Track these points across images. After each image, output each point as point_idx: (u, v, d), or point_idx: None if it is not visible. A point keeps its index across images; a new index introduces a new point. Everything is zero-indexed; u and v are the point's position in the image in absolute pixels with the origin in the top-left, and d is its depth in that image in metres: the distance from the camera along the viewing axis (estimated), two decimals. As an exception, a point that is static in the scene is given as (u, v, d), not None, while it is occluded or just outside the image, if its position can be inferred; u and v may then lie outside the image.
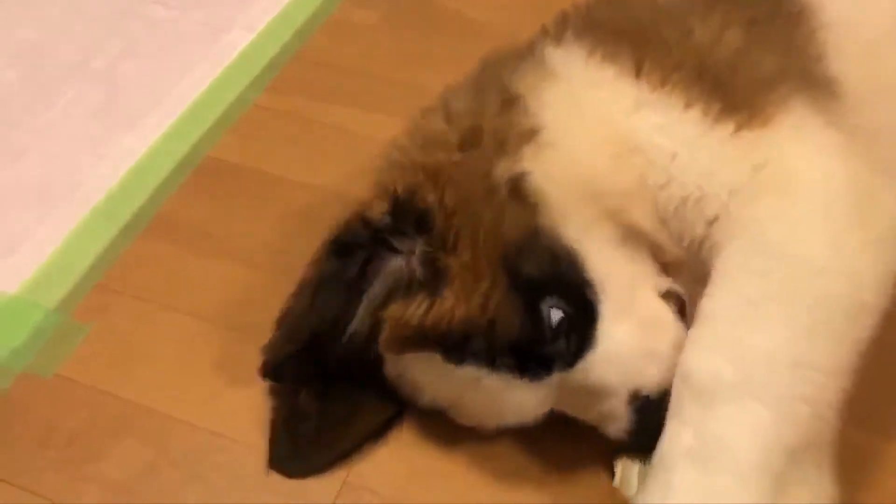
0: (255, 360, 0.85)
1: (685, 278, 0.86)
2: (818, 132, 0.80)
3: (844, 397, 0.71)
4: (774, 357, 0.69)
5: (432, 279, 0.81)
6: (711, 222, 0.80)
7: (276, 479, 0.90)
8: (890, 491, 0.86)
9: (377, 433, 0.92)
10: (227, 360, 0.99)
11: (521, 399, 0.82)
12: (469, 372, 0.80)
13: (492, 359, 0.79)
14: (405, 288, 0.82)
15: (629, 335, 0.80)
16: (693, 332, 0.74)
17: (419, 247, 0.82)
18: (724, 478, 0.65)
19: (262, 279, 1.07)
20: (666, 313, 0.82)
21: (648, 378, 0.79)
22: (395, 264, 0.83)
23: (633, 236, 0.83)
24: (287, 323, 0.86)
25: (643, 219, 0.83)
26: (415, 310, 0.80)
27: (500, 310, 0.78)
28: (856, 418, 0.73)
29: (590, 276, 0.80)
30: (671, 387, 0.75)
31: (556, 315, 0.79)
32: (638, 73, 0.84)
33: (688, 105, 0.81)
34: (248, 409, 0.95)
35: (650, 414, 0.78)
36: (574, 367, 0.80)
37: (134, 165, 1.25)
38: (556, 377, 0.80)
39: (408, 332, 0.81)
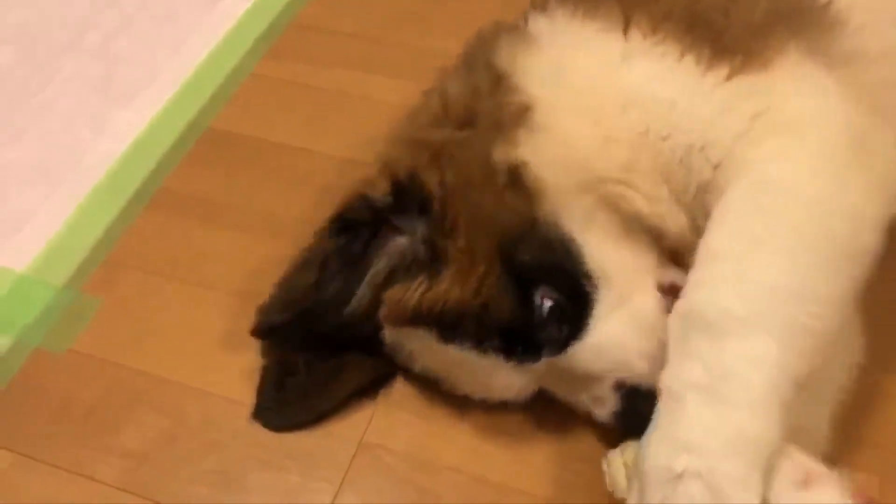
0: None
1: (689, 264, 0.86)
2: (816, 74, 0.80)
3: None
4: (781, 291, 0.69)
5: (432, 261, 0.82)
6: (716, 166, 0.79)
7: (294, 442, 0.90)
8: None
9: (362, 391, 0.93)
10: (238, 327, 0.98)
11: (507, 379, 0.84)
12: (459, 351, 0.82)
13: (481, 341, 0.81)
14: (406, 268, 0.83)
15: (620, 329, 0.81)
16: (697, 271, 0.74)
17: (421, 228, 0.83)
18: (736, 408, 0.66)
19: (268, 246, 1.07)
20: (659, 312, 0.82)
21: (636, 371, 0.80)
22: (399, 243, 0.84)
23: (634, 225, 0.83)
24: (286, 291, 0.87)
25: (643, 199, 0.82)
26: (413, 291, 0.82)
27: (493, 295, 0.80)
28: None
29: (588, 267, 0.81)
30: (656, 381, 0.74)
31: (547, 303, 0.80)
32: (626, 26, 0.83)
33: (682, 53, 0.81)
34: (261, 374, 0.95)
35: (636, 400, 0.79)
36: (562, 354, 0.81)
37: (136, 139, 1.25)
38: (543, 362, 0.82)
39: (406, 312, 0.83)
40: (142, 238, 1.12)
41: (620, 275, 0.82)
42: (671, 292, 0.82)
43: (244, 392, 0.93)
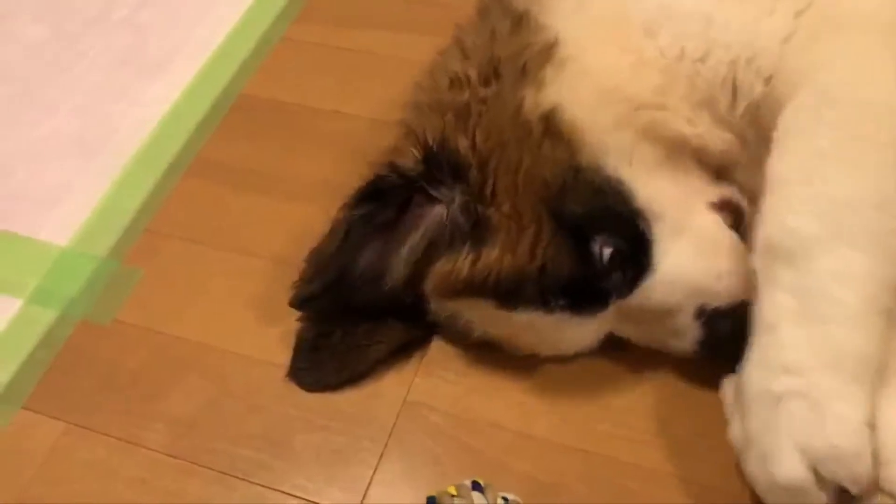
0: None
1: (741, 174, 0.84)
2: None
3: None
4: (858, 201, 0.66)
5: (475, 229, 0.79)
6: (769, 79, 0.76)
7: (338, 403, 0.91)
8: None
9: (397, 353, 0.93)
10: (278, 292, 0.98)
11: (578, 332, 0.82)
12: (524, 315, 0.80)
13: (546, 301, 0.78)
14: (448, 240, 0.81)
15: (686, 256, 0.79)
16: (768, 199, 0.70)
17: (458, 196, 0.80)
18: (831, 324, 0.64)
19: (305, 211, 1.07)
20: (720, 228, 0.80)
21: (712, 294, 0.78)
22: (436, 213, 0.81)
23: (675, 150, 0.81)
24: (315, 262, 0.86)
25: (682, 120, 0.80)
26: (461, 263, 0.79)
27: (550, 254, 0.77)
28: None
29: (638, 204, 0.78)
30: (737, 297, 0.75)
31: (607, 251, 0.77)
32: None
33: None
34: (303, 338, 0.96)
35: (720, 323, 0.77)
36: (633, 294, 0.79)
37: (169, 110, 1.25)
38: (612, 307, 0.80)
39: (457, 285, 0.81)
40: (180, 207, 1.13)
41: (672, 204, 0.80)
42: (724, 208, 0.82)
43: (286, 356, 0.94)
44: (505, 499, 0.79)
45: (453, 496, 0.79)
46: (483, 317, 0.85)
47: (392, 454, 0.87)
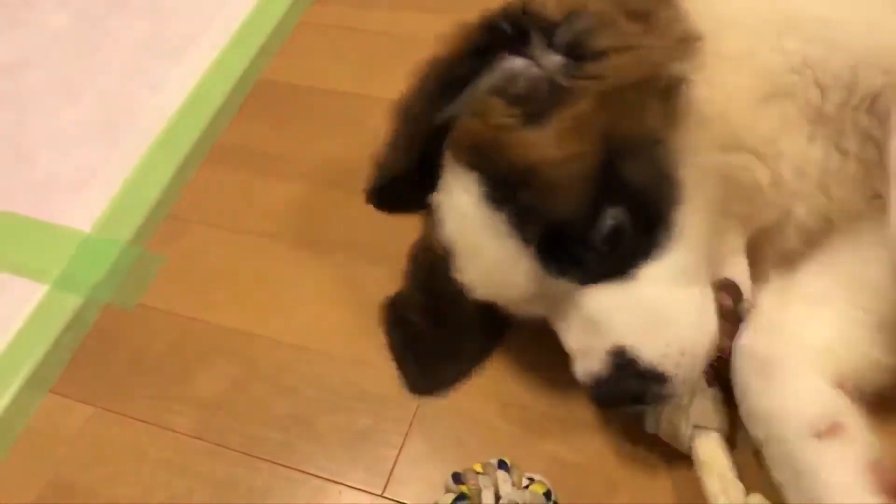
0: (328, 272, 0.84)
1: (765, 254, 0.81)
2: None
3: None
4: None
5: (542, 104, 0.71)
6: (889, 71, 0.71)
7: (362, 385, 0.91)
8: None
9: (487, 348, 0.91)
10: (301, 275, 0.99)
11: (519, 280, 0.74)
12: (495, 222, 0.73)
13: (524, 221, 0.71)
14: (511, 96, 0.73)
15: (662, 299, 0.73)
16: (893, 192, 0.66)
17: (556, 66, 0.72)
18: None
19: (326, 193, 1.07)
20: (709, 310, 0.74)
21: (648, 347, 0.71)
22: (517, 64, 0.74)
23: (735, 203, 0.76)
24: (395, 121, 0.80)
25: (769, 174, 0.76)
26: (504, 118, 0.72)
27: (571, 180, 0.70)
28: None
29: (677, 218, 0.72)
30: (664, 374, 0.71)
31: (610, 223, 0.71)
32: None
33: None
34: (328, 320, 0.96)
35: (624, 376, 0.72)
36: (587, 287, 0.73)
37: (189, 94, 1.26)
38: (562, 283, 0.74)
39: (482, 136, 0.73)
40: (202, 192, 1.14)
41: (697, 248, 0.73)
42: (725, 289, 0.77)
43: (311, 338, 0.94)
44: (531, 479, 0.79)
45: (478, 473, 0.80)
46: (461, 209, 0.76)
47: (416, 435, 0.87)
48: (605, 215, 0.71)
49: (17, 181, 1.20)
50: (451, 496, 0.78)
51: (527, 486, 0.79)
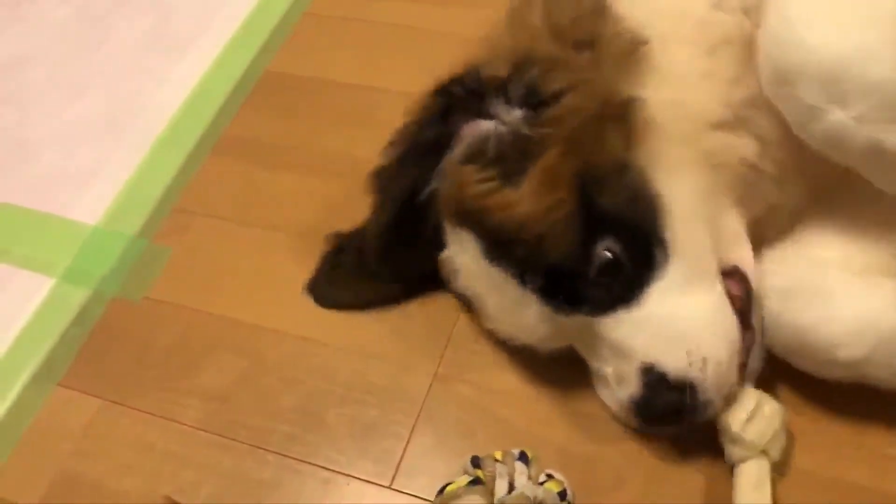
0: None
1: (773, 227, 0.81)
2: None
3: None
4: None
5: (513, 162, 0.75)
6: None
7: (369, 377, 0.91)
8: None
9: (411, 291, 0.95)
10: (307, 267, 0.99)
11: (534, 321, 0.78)
12: (499, 274, 0.77)
13: (524, 271, 0.75)
14: (485, 159, 0.76)
15: (674, 312, 0.74)
16: None
17: (519, 120, 0.76)
18: None
19: (333, 186, 1.07)
20: (723, 309, 0.75)
21: (672, 360, 0.74)
22: (485, 128, 0.77)
23: (725, 186, 0.76)
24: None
25: (755, 143, 0.76)
26: (481, 181, 0.75)
27: (555, 229, 0.73)
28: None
29: (665, 234, 0.74)
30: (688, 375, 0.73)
31: (605, 255, 0.73)
32: None
33: None
34: (335, 312, 0.96)
35: (658, 392, 0.74)
36: (602, 317, 0.76)
37: (195, 88, 1.26)
38: (576, 318, 0.76)
39: (465, 204, 0.77)
40: (208, 185, 1.13)
41: (695, 254, 0.75)
42: (734, 276, 0.77)
43: (317, 330, 0.94)
44: (549, 475, 0.79)
45: (497, 461, 0.79)
46: (469, 263, 0.81)
47: (424, 427, 0.87)
48: (596, 249, 0.73)
49: (22, 175, 1.20)
50: (467, 478, 0.78)
51: (543, 483, 0.78)
